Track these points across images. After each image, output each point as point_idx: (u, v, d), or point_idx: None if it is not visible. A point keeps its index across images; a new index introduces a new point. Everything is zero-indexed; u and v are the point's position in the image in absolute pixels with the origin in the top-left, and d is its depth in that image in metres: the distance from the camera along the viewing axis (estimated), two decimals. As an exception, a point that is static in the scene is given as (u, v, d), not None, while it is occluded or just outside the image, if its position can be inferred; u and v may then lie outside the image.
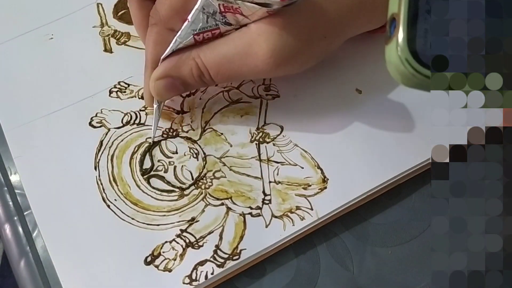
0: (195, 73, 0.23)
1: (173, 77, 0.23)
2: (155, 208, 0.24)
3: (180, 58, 0.23)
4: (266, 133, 0.25)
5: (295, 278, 0.23)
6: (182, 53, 0.23)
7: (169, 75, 0.23)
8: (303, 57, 0.23)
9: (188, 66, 0.23)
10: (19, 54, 0.28)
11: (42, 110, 0.26)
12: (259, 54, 0.22)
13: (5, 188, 0.25)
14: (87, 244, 0.23)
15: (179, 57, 0.23)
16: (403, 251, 0.24)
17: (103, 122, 0.26)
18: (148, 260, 0.22)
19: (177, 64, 0.23)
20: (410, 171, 0.24)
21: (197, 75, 0.23)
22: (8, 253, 0.25)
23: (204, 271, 0.22)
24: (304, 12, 0.22)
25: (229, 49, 0.22)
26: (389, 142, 0.25)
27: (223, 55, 0.22)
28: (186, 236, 0.23)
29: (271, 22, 0.21)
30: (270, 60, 0.22)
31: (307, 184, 0.24)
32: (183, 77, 0.23)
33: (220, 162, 0.25)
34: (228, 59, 0.22)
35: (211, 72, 0.23)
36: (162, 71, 0.23)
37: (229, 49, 0.22)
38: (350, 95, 0.26)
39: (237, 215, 0.23)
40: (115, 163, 0.25)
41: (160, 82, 0.23)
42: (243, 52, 0.22)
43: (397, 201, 0.25)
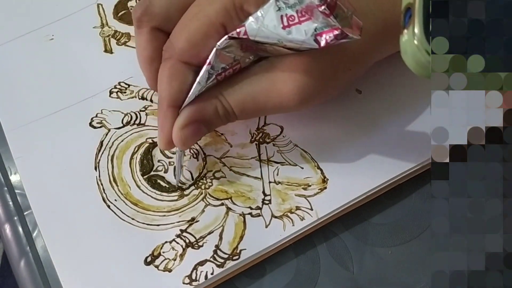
0: (221, 112, 0.22)
1: (199, 121, 0.22)
2: (155, 208, 0.24)
3: (203, 101, 0.22)
4: (266, 134, 0.25)
5: (295, 278, 0.23)
6: (204, 95, 0.22)
7: (195, 120, 0.22)
8: (328, 91, 0.23)
9: (213, 107, 0.22)
10: (20, 55, 0.28)
11: (42, 110, 0.26)
12: (283, 91, 0.21)
13: (5, 188, 0.26)
14: (87, 244, 0.23)
15: (203, 100, 0.22)
16: (403, 251, 0.24)
17: (103, 122, 0.26)
18: (148, 260, 0.22)
19: (201, 108, 0.22)
20: (410, 171, 0.24)
21: (223, 114, 0.22)
22: (8, 253, 0.25)
23: (204, 271, 0.22)
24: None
25: (253, 87, 0.22)
26: (389, 142, 0.25)
27: (247, 93, 0.22)
28: (186, 236, 0.23)
29: (295, 59, 0.21)
30: (295, 97, 0.21)
31: (307, 184, 0.24)
32: (208, 120, 0.22)
33: (220, 162, 0.25)
34: (253, 97, 0.22)
35: (235, 111, 0.22)
36: (187, 117, 0.22)
37: (252, 87, 0.22)
38: (350, 95, 0.26)
39: (237, 215, 0.23)
40: (115, 163, 0.25)
41: (187, 129, 0.22)
42: (267, 90, 0.21)
43: (397, 201, 0.25)
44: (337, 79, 0.22)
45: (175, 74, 0.21)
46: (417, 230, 0.24)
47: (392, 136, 0.25)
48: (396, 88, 0.26)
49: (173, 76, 0.21)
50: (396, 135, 0.25)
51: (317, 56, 0.21)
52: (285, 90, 0.21)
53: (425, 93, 0.26)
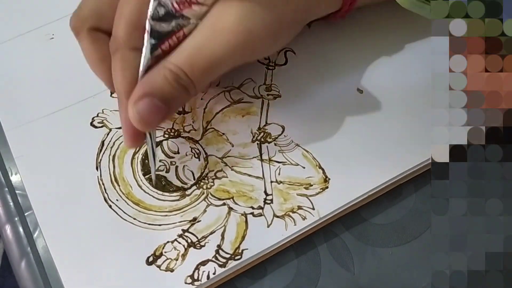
0: (170, 77, 0.20)
1: (151, 95, 0.20)
2: (157, 208, 0.24)
3: (151, 73, 0.21)
4: (268, 133, 0.25)
5: (295, 279, 0.23)
6: (152, 67, 0.21)
7: (145, 93, 0.20)
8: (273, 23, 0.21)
9: (161, 75, 0.20)
10: (20, 53, 0.28)
11: (43, 110, 0.26)
12: (226, 27, 0.20)
13: (5, 188, 0.25)
14: (89, 245, 0.23)
15: (150, 73, 0.21)
16: (404, 252, 0.24)
17: (104, 122, 0.26)
18: (150, 260, 0.22)
19: (150, 79, 0.20)
20: (411, 171, 0.24)
21: (173, 79, 0.20)
22: (8, 254, 0.24)
23: (206, 271, 0.22)
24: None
25: (196, 39, 0.20)
26: (390, 142, 0.25)
27: (191, 47, 0.20)
28: (188, 236, 0.23)
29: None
30: (240, 28, 0.20)
31: (309, 183, 0.24)
32: (160, 90, 0.20)
33: (222, 162, 0.25)
34: (198, 48, 0.20)
35: (185, 70, 0.20)
36: (136, 93, 0.20)
37: (195, 39, 0.20)
38: (351, 94, 0.26)
39: (239, 215, 0.24)
40: (116, 163, 0.25)
41: (139, 105, 0.20)
42: (211, 34, 0.20)
43: (398, 201, 0.25)
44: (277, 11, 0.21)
45: (125, 63, 0.21)
46: (417, 230, 0.24)
47: (393, 136, 0.25)
48: (397, 88, 0.26)
49: (125, 65, 0.21)
50: (396, 135, 0.25)
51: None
52: (228, 25, 0.20)
53: (425, 93, 0.26)
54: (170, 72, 0.20)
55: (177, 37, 0.21)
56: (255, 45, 0.22)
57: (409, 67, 0.27)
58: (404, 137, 0.25)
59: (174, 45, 0.21)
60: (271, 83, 0.27)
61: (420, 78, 0.27)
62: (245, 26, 0.20)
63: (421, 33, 0.28)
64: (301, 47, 0.28)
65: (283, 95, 0.26)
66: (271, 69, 0.27)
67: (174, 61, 0.21)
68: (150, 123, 0.21)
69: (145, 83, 0.21)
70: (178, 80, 0.21)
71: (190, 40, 0.21)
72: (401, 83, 0.27)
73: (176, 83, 0.21)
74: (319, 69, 0.27)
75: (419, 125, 0.25)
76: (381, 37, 0.28)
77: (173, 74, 0.20)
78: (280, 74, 0.27)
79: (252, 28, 0.21)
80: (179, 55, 0.21)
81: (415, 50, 0.28)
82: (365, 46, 0.28)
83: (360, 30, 0.28)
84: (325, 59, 0.27)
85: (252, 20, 0.21)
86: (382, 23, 0.28)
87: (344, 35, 0.28)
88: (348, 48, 0.28)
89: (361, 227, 0.24)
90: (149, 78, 0.21)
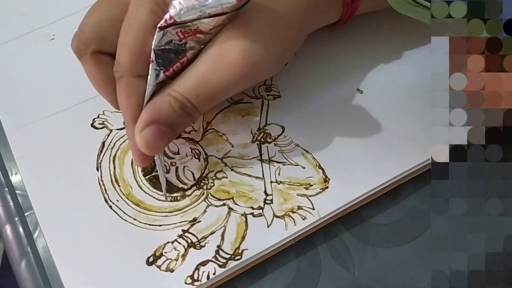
0: (175, 106, 0.21)
1: (157, 121, 0.21)
2: (157, 209, 0.24)
3: (156, 100, 0.21)
4: (268, 133, 0.26)
5: (295, 279, 0.23)
6: (157, 94, 0.21)
7: (151, 121, 0.21)
8: (276, 51, 0.22)
9: (167, 103, 0.21)
10: (20, 54, 0.28)
11: (44, 111, 0.26)
12: (231, 60, 0.21)
13: (6, 188, 0.25)
14: (89, 245, 0.23)
15: (155, 99, 0.21)
16: (404, 252, 0.24)
17: (105, 123, 0.26)
18: (150, 261, 0.23)
19: (156, 106, 0.21)
20: (411, 171, 0.24)
21: (178, 107, 0.21)
22: (9, 254, 0.25)
23: (206, 271, 0.22)
24: (261, 9, 0.22)
25: (201, 69, 0.21)
26: (390, 142, 0.25)
27: (197, 77, 0.21)
28: (188, 237, 0.23)
29: (233, 28, 0.21)
30: (244, 62, 0.21)
31: (309, 184, 0.24)
32: (166, 117, 0.21)
33: (222, 163, 0.25)
34: (204, 79, 0.21)
35: (191, 99, 0.21)
36: (142, 119, 0.21)
37: (200, 69, 0.21)
38: (351, 95, 0.26)
39: (239, 215, 0.24)
40: (117, 164, 0.25)
41: (145, 132, 0.21)
42: (216, 65, 0.21)
43: (398, 201, 0.25)
44: (280, 37, 0.22)
45: (131, 90, 0.22)
46: (417, 230, 0.24)
47: (393, 136, 0.25)
48: (397, 88, 0.26)
49: (130, 92, 0.22)
50: (396, 135, 0.25)
51: (251, 19, 0.21)
52: (232, 58, 0.21)
53: (425, 93, 0.26)
54: (176, 101, 0.21)
55: (180, 62, 0.21)
56: (258, 74, 0.22)
57: (409, 67, 0.27)
58: (404, 137, 0.25)
59: (178, 70, 0.21)
60: (271, 84, 0.27)
61: (420, 78, 0.27)
62: (249, 60, 0.21)
63: (421, 33, 0.28)
64: (301, 48, 0.28)
65: (283, 95, 0.27)
66: (271, 70, 0.27)
67: (180, 90, 0.21)
68: (157, 148, 0.22)
69: (151, 110, 0.21)
70: (183, 108, 0.21)
71: (195, 69, 0.21)
72: (401, 83, 0.27)
73: (181, 110, 0.21)
74: (319, 70, 0.27)
75: (419, 125, 0.25)
76: (381, 37, 0.28)
77: (179, 103, 0.21)
78: (280, 74, 0.27)
79: (256, 60, 0.21)
80: (185, 84, 0.21)
81: (415, 50, 0.28)
82: (365, 46, 0.28)
83: (360, 30, 0.28)
84: (325, 59, 0.27)
85: (256, 52, 0.21)
86: (382, 23, 0.28)
87: (344, 35, 0.28)
88: (348, 48, 0.28)
89: (361, 227, 0.24)
90: (154, 105, 0.21)
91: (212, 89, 0.21)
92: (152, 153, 0.22)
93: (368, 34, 0.28)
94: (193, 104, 0.21)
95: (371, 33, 0.28)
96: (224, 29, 0.21)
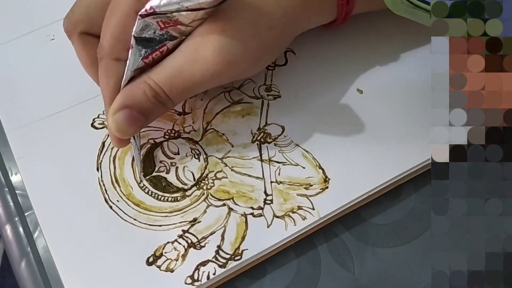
0: (149, 94, 0.22)
1: (130, 107, 0.22)
2: (157, 209, 0.24)
3: (132, 85, 0.22)
4: (268, 134, 0.26)
5: (296, 279, 0.23)
6: (133, 80, 0.22)
7: (125, 105, 0.22)
8: (253, 51, 0.22)
9: (141, 90, 0.21)
10: (21, 55, 0.28)
11: (44, 111, 0.26)
12: (206, 55, 0.21)
13: (6, 188, 0.25)
14: (89, 245, 0.23)
15: (131, 85, 0.22)
16: (404, 252, 0.24)
17: (105, 123, 0.26)
18: (150, 261, 0.23)
19: (131, 92, 0.22)
20: (411, 171, 0.24)
21: (152, 95, 0.22)
22: (9, 254, 0.25)
23: (206, 272, 0.22)
24: (244, 6, 0.22)
25: (178, 60, 0.21)
26: (390, 142, 0.25)
27: (173, 68, 0.21)
28: (188, 237, 0.23)
29: (213, 22, 0.21)
30: (218, 59, 0.21)
31: (309, 184, 0.24)
32: (139, 103, 0.22)
33: (222, 163, 0.25)
34: (179, 70, 0.21)
35: (164, 89, 0.22)
36: (116, 103, 0.22)
37: (177, 61, 0.21)
38: (351, 95, 0.26)
39: (239, 215, 0.24)
40: (117, 164, 0.25)
41: (118, 115, 0.22)
42: (192, 59, 0.21)
43: (398, 201, 0.25)
44: (259, 38, 0.22)
45: (109, 72, 0.22)
46: (417, 230, 0.24)
47: (393, 136, 0.25)
48: (397, 88, 0.27)
49: (108, 74, 0.22)
50: (396, 135, 0.25)
51: (232, 16, 0.21)
52: (208, 54, 0.21)
53: (425, 93, 0.26)
54: (150, 89, 0.22)
55: (160, 51, 0.22)
56: (233, 72, 0.22)
57: (409, 67, 0.27)
58: (404, 137, 0.25)
59: (157, 58, 0.22)
60: (271, 84, 0.27)
61: (420, 78, 0.27)
62: (224, 57, 0.21)
63: (421, 33, 0.28)
64: (301, 48, 0.28)
65: (283, 95, 0.27)
66: (271, 70, 0.27)
67: (155, 79, 0.22)
68: (127, 132, 0.22)
69: (126, 95, 0.22)
70: (157, 96, 0.22)
71: (172, 60, 0.22)
72: (401, 83, 0.27)
73: (154, 99, 0.22)
74: (319, 70, 0.27)
75: (419, 125, 0.25)
76: (381, 37, 0.28)
77: (153, 91, 0.22)
78: (280, 74, 0.27)
79: (230, 59, 0.21)
80: (160, 73, 0.22)
81: (415, 50, 0.28)
82: (365, 46, 0.28)
83: (360, 30, 0.28)
84: (325, 59, 0.27)
85: (231, 51, 0.21)
86: (382, 23, 0.28)
87: (344, 35, 0.28)
88: (348, 48, 0.28)
89: (361, 227, 0.24)
90: (129, 90, 0.22)
91: (185, 82, 0.22)
92: (123, 137, 0.23)
93: (368, 34, 0.28)
94: (167, 94, 0.22)
95: (371, 33, 0.28)
96: (205, 23, 0.21)
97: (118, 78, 0.22)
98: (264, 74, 0.27)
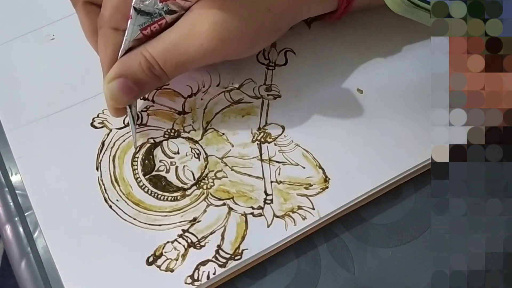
0: (144, 65, 0.22)
1: (125, 76, 0.22)
2: (157, 209, 0.24)
3: (129, 56, 0.22)
4: (268, 133, 0.26)
5: (295, 279, 0.23)
6: (130, 51, 0.23)
7: (120, 74, 0.22)
8: (249, 32, 0.22)
9: (137, 61, 0.22)
10: (21, 54, 0.28)
11: (43, 110, 0.26)
12: (201, 31, 0.21)
13: (6, 188, 0.25)
14: (89, 245, 0.23)
15: (128, 55, 0.22)
16: (404, 252, 0.24)
17: (104, 122, 0.26)
18: (150, 260, 0.23)
19: (127, 62, 0.22)
20: (410, 171, 0.24)
21: (146, 67, 0.22)
22: (9, 254, 0.25)
23: (206, 271, 0.22)
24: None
25: (174, 34, 0.22)
26: (390, 142, 0.25)
27: (168, 41, 0.22)
28: (188, 236, 0.23)
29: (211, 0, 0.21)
30: (213, 35, 0.21)
31: (309, 183, 0.24)
32: (134, 74, 0.22)
33: (222, 162, 0.25)
34: (174, 44, 0.22)
35: (159, 61, 0.22)
36: (112, 72, 0.23)
37: (173, 35, 0.22)
38: (351, 95, 0.26)
39: (239, 215, 0.24)
40: (116, 163, 0.25)
41: (112, 84, 0.22)
42: (187, 34, 0.22)
43: (398, 201, 0.25)
44: (256, 19, 0.22)
45: (107, 41, 0.23)
46: (417, 230, 0.24)
47: (393, 136, 0.25)
48: (397, 88, 0.27)
49: (107, 43, 0.23)
50: (396, 135, 0.25)
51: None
52: (203, 30, 0.21)
53: (425, 93, 0.26)
54: (145, 61, 0.22)
55: (159, 24, 0.22)
56: (227, 51, 0.23)
57: (409, 67, 0.27)
58: (404, 137, 0.25)
59: (156, 31, 0.22)
60: (271, 83, 0.27)
61: (420, 78, 0.27)
62: (218, 34, 0.22)
63: (421, 33, 0.28)
64: (301, 47, 0.28)
65: (283, 95, 0.27)
66: (271, 69, 0.27)
67: (151, 51, 0.22)
68: (121, 101, 0.23)
69: (122, 64, 0.22)
70: (151, 69, 0.22)
71: (168, 33, 0.22)
72: (401, 83, 0.27)
73: (149, 71, 0.22)
74: (319, 69, 0.27)
75: (419, 125, 0.25)
76: (381, 37, 0.28)
77: (147, 63, 0.22)
78: (280, 74, 0.27)
79: (225, 36, 0.22)
80: (156, 46, 0.22)
81: (415, 50, 0.28)
82: (365, 46, 0.28)
83: (360, 30, 0.28)
84: (325, 59, 0.27)
85: (226, 29, 0.22)
86: (382, 23, 0.28)
87: (344, 35, 0.28)
88: (348, 48, 0.28)
89: (361, 227, 0.24)
90: (126, 60, 0.22)
91: (180, 56, 0.22)
92: (118, 105, 0.23)
93: (369, 33, 0.28)
94: (161, 67, 0.22)
95: (371, 32, 0.28)
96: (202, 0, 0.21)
97: (116, 47, 0.23)
98: (264, 74, 0.27)
